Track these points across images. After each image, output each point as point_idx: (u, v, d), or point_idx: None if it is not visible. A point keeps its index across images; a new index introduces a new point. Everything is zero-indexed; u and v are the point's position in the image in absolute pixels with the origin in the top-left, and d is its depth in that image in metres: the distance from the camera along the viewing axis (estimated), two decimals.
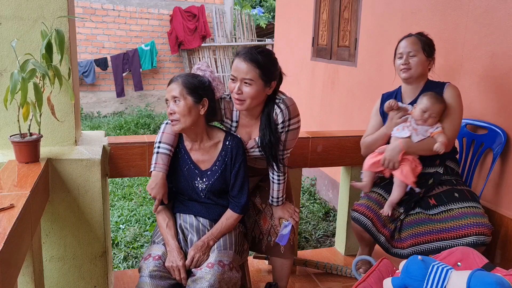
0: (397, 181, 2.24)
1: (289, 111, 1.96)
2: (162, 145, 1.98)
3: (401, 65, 2.25)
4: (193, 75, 1.95)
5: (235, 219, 1.99)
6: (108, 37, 8.82)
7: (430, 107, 2.15)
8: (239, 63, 1.89)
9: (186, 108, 1.87)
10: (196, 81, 1.92)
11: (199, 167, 1.99)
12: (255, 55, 1.88)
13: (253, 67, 1.87)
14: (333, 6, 4.22)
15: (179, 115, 1.88)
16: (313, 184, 4.78)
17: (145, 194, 4.62)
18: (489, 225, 2.04)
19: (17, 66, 1.78)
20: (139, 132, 7.56)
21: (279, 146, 2.01)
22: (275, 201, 2.12)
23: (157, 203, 1.98)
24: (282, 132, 1.98)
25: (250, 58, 1.88)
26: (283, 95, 2.01)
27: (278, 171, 2.05)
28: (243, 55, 1.90)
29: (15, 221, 1.36)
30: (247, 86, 1.88)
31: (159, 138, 1.99)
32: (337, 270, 2.67)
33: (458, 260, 1.80)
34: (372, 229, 2.27)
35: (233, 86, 1.91)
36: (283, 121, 1.96)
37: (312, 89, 4.77)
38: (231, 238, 1.96)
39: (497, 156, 2.33)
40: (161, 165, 1.96)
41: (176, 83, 1.90)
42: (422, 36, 2.28)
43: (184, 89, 1.88)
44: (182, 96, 1.87)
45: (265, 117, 1.98)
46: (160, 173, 1.95)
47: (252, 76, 1.87)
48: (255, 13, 11.00)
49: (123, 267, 3.17)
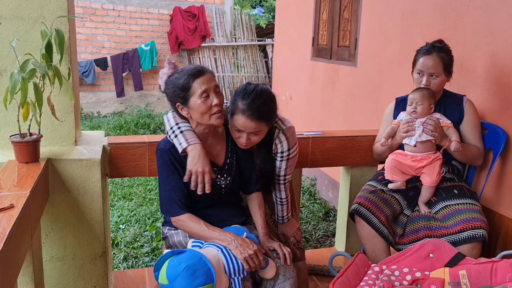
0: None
1: (289, 142, 2.02)
2: (182, 125, 1.85)
3: (422, 84, 2.26)
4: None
5: (261, 198, 2.02)
6: (108, 37, 8.81)
7: (415, 98, 2.22)
8: (245, 121, 1.81)
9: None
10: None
11: (216, 164, 1.92)
12: (259, 110, 1.81)
13: (259, 122, 1.83)
14: (333, 6, 4.22)
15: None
16: (313, 184, 4.77)
17: (145, 194, 4.62)
18: (485, 220, 2.06)
19: (17, 66, 1.78)
20: (139, 132, 7.56)
21: (281, 172, 2.06)
22: (280, 219, 2.16)
23: (208, 178, 1.78)
24: (282, 160, 2.04)
25: (255, 116, 1.81)
26: (282, 124, 2.02)
27: (281, 195, 2.11)
28: (246, 113, 1.80)
29: (15, 221, 1.36)
30: (255, 135, 1.88)
31: (174, 121, 1.87)
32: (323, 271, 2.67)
33: (430, 251, 1.89)
34: (373, 220, 2.22)
35: (239, 136, 1.87)
36: (282, 151, 2.02)
37: (312, 89, 4.76)
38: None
39: (497, 156, 2.33)
40: (194, 138, 1.81)
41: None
42: (443, 51, 2.26)
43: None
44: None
45: (265, 147, 2.01)
46: (198, 144, 1.80)
47: (260, 128, 1.86)
48: (255, 13, 10.99)
49: (123, 267, 3.17)
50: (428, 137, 2.20)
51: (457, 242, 2.03)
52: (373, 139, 2.63)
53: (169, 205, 1.83)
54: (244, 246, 1.71)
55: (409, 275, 1.83)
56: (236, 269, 1.69)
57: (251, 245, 1.72)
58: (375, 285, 1.77)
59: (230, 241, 1.73)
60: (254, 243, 1.75)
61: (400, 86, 3.17)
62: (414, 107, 2.23)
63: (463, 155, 2.30)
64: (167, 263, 1.63)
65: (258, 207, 1.99)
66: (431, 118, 2.21)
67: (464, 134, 2.31)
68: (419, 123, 2.22)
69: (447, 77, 2.30)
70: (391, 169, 2.28)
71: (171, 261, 1.63)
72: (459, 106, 2.33)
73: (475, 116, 2.32)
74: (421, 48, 2.32)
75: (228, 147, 1.96)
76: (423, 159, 2.23)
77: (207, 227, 1.78)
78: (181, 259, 1.61)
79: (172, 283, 1.58)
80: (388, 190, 2.30)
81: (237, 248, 1.71)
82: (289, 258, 1.82)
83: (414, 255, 1.89)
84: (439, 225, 2.14)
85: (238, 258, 1.70)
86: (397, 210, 2.28)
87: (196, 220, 1.80)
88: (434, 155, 2.23)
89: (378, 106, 3.53)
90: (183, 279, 1.56)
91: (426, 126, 2.19)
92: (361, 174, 2.81)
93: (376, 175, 2.45)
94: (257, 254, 1.71)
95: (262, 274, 1.80)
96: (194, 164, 1.77)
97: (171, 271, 1.59)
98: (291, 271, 1.83)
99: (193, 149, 1.79)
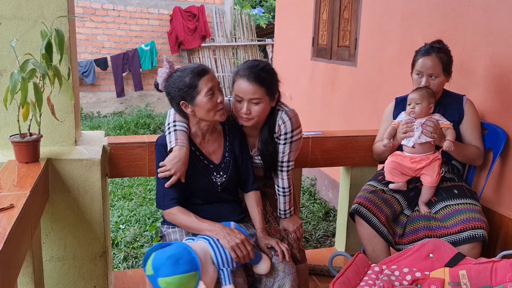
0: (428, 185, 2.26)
1: (292, 123, 2.00)
2: (178, 123, 1.89)
3: (422, 85, 2.26)
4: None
5: (259, 196, 2.02)
6: (108, 37, 8.82)
7: (414, 98, 2.22)
8: (244, 84, 1.88)
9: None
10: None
11: (212, 161, 1.95)
12: (258, 73, 1.88)
13: (259, 86, 1.88)
14: (333, 6, 4.22)
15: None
16: (313, 184, 4.78)
17: (145, 194, 4.62)
18: (485, 220, 2.06)
19: (17, 66, 1.78)
20: (139, 132, 7.56)
21: (284, 158, 2.04)
22: (282, 214, 2.12)
23: (175, 179, 1.84)
24: (286, 143, 2.01)
25: (254, 78, 1.88)
26: (285, 107, 2.04)
27: (283, 184, 2.08)
28: (246, 76, 1.88)
29: (15, 221, 1.36)
30: (255, 105, 1.90)
31: (172, 118, 1.92)
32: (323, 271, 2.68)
33: (430, 251, 1.89)
34: (373, 220, 2.22)
35: (240, 106, 1.91)
36: (286, 132, 2.00)
37: (312, 89, 4.77)
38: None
39: (497, 156, 2.33)
40: (184, 140, 1.86)
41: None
42: (442, 51, 2.26)
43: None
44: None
45: (268, 128, 2.00)
46: (184, 148, 1.84)
47: (259, 95, 1.89)
48: (255, 13, 11.00)
49: (123, 267, 3.17)
50: (427, 139, 2.20)
51: (457, 242, 2.03)
52: (373, 139, 2.63)
53: (162, 198, 1.88)
54: (232, 235, 1.74)
55: (409, 275, 1.83)
56: (225, 260, 1.71)
57: (238, 234, 1.75)
58: (375, 285, 1.77)
59: (218, 231, 1.76)
60: (242, 233, 1.77)
61: (400, 86, 3.17)
62: (413, 107, 2.23)
63: (461, 155, 2.30)
64: (153, 255, 1.67)
65: (256, 203, 2.00)
66: (431, 119, 2.21)
67: (464, 134, 2.31)
68: (418, 124, 2.22)
69: (446, 78, 2.30)
70: (390, 171, 2.28)
71: (157, 253, 1.67)
72: (459, 106, 2.33)
73: (475, 116, 2.32)
74: (420, 48, 2.32)
75: (226, 145, 1.98)
76: (422, 160, 2.23)
77: (197, 219, 1.81)
78: (166, 250, 1.65)
79: (157, 272, 1.61)
80: (388, 190, 2.30)
81: (225, 237, 1.74)
82: (288, 254, 1.83)
83: (414, 255, 1.90)
84: (439, 225, 2.14)
85: (225, 247, 1.72)
86: (397, 210, 2.28)
87: (186, 213, 1.84)
88: (433, 156, 2.23)
89: (378, 106, 3.53)
90: (166, 267, 1.59)
91: (426, 128, 2.19)
92: (361, 174, 2.81)
93: (376, 175, 2.45)
94: (244, 243, 1.73)
95: (255, 269, 1.80)
96: (172, 163, 1.83)
97: (156, 262, 1.63)
98: (291, 267, 1.83)
99: (178, 150, 1.84)
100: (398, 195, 2.30)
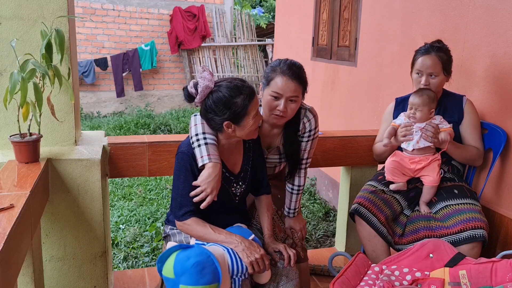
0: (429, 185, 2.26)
1: (316, 120, 2.07)
2: (208, 136, 1.79)
3: (421, 84, 2.26)
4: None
5: (270, 200, 2.02)
6: (108, 37, 8.82)
7: (415, 103, 2.21)
8: (286, 81, 1.89)
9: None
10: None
11: (233, 172, 1.89)
12: (299, 72, 1.93)
13: (299, 85, 1.93)
14: (333, 6, 4.22)
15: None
16: (313, 184, 4.78)
17: (145, 194, 4.62)
18: (485, 220, 2.06)
19: (17, 66, 1.78)
20: (139, 132, 7.56)
21: (304, 155, 2.08)
22: (291, 212, 2.15)
23: (210, 200, 1.75)
24: (309, 140, 2.06)
25: (296, 76, 1.91)
26: (306, 105, 2.07)
27: (299, 182, 2.11)
28: (288, 73, 1.90)
29: (15, 221, 1.36)
30: (292, 102, 1.93)
31: (201, 129, 1.80)
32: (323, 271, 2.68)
33: (430, 251, 1.90)
34: (372, 220, 2.22)
35: (277, 103, 1.92)
36: (310, 129, 2.05)
37: (312, 89, 4.73)
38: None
39: (497, 156, 2.33)
40: (216, 156, 1.76)
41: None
42: (441, 50, 2.26)
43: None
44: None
45: (293, 127, 2.03)
46: (218, 164, 1.75)
47: (298, 93, 1.93)
48: (255, 13, 11.00)
49: (123, 267, 3.17)
50: (426, 144, 2.19)
51: (457, 242, 2.03)
52: (373, 139, 2.63)
53: (178, 209, 1.80)
54: (251, 249, 1.70)
55: (409, 275, 1.83)
56: (240, 270, 1.69)
57: (257, 249, 1.71)
58: (375, 285, 1.77)
59: (237, 244, 1.71)
60: (261, 248, 1.74)
61: (400, 86, 3.17)
62: (414, 113, 2.21)
63: (461, 157, 2.30)
64: (174, 257, 1.61)
65: (266, 208, 1.99)
66: (431, 124, 2.19)
67: (463, 135, 2.31)
68: (417, 128, 2.20)
69: (446, 77, 2.30)
70: (391, 171, 2.28)
71: (178, 255, 1.61)
72: (458, 106, 2.33)
73: (475, 116, 2.32)
74: (420, 48, 2.32)
75: (246, 154, 1.95)
76: (422, 160, 2.23)
77: (213, 230, 1.75)
78: (189, 254, 1.60)
79: (179, 277, 1.58)
80: (388, 190, 2.30)
81: (244, 251, 1.70)
82: (293, 260, 1.82)
83: (414, 255, 1.90)
84: (439, 225, 2.14)
85: (244, 261, 1.68)
86: (397, 210, 2.28)
87: (202, 223, 1.77)
88: (433, 156, 2.23)
89: (378, 106, 3.53)
90: (191, 276, 1.56)
91: (425, 133, 2.18)
92: (361, 174, 2.81)
93: (376, 175, 2.45)
94: (263, 258, 1.70)
95: (256, 278, 1.78)
96: (207, 182, 1.73)
97: (179, 266, 1.58)
98: (294, 272, 1.83)
99: (213, 167, 1.74)
100: (398, 195, 2.30)
